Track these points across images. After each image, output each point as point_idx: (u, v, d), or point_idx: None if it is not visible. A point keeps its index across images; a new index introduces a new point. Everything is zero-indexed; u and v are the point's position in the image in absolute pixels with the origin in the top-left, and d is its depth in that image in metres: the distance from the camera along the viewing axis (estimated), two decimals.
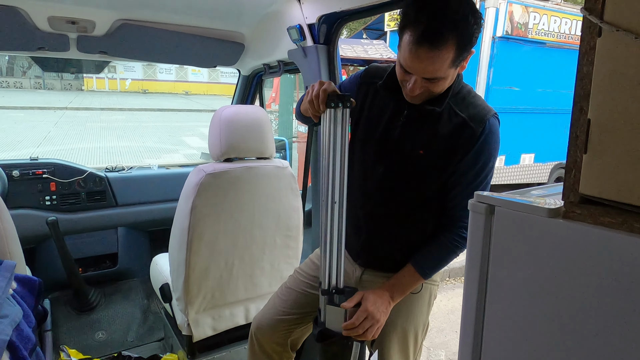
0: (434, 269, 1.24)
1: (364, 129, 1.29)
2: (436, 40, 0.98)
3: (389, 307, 1.20)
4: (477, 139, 1.13)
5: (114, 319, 2.33)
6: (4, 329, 1.05)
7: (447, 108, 1.15)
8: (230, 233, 1.65)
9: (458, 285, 4.40)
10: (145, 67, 28.84)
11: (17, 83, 27.50)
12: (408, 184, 1.22)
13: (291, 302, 1.46)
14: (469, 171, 1.16)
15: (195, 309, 1.67)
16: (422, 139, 1.17)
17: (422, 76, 1.05)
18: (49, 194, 2.23)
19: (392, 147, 1.22)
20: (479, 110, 1.15)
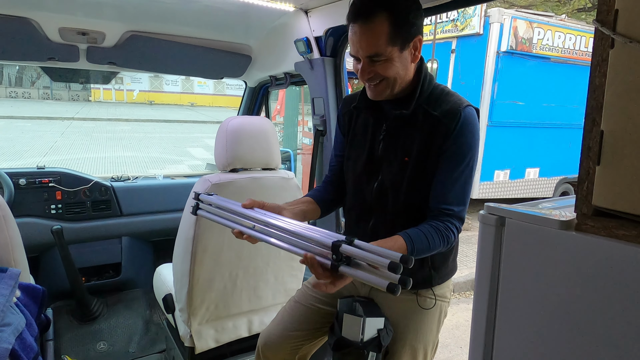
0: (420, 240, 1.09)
1: (354, 150, 1.33)
2: (368, 15, 1.05)
3: None
4: (450, 134, 1.12)
5: (115, 329, 2.31)
6: (6, 337, 1.05)
7: (421, 110, 1.16)
8: (234, 244, 1.65)
9: (462, 300, 4.35)
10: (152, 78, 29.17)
11: (25, 93, 27.85)
12: (403, 193, 1.21)
13: (300, 318, 1.43)
14: (444, 166, 1.15)
15: (198, 320, 1.66)
16: (404, 146, 1.19)
17: (364, 55, 1.09)
18: (55, 203, 2.23)
19: (379, 160, 1.24)
20: (451, 105, 1.14)
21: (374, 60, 1.09)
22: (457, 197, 1.16)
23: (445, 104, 1.15)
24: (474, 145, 1.15)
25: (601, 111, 0.45)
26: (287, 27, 1.84)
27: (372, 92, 1.17)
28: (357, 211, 1.34)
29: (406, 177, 1.19)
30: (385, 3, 1.05)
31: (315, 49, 1.73)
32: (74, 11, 1.69)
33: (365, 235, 1.31)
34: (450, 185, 1.15)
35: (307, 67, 1.79)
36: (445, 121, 1.12)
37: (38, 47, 1.81)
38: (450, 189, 1.15)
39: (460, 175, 1.15)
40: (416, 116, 1.16)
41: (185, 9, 1.75)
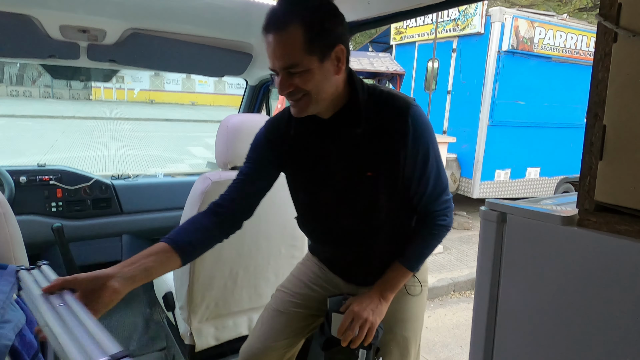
0: (420, 260, 1.23)
1: (307, 185, 1.24)
2: (280, 24, 1.00)
3: (381, 305, 1.18)
4: (406, 137, 1.09)
5: (116, 327, 2.31)
6: (6, 333, 1.04)
7: (367, 122, 1.11)
8: (235, 242, 1.64)
9: (463, 299, 4.35)
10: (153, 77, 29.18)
11: (26, 92, 27.89)
12: (375, 208, 1.18)
13: (281, 327, 1.39)
14: (415, 169, 1.13)
15: (198, 318, 1.66)
16: (362, 161, 1.14)
17: (281, 67, 1.01)
18: (55, 201, 2.23)
19: (341, 185, 1.17)
20: (397, 108, 1.10)
21: (292, 73, 1.01)
22: (438, 189, 1.17)
23: (390, 109, 1.10)
24: (432, 138, 1.13)
25: (604, 106, 0.45)
26: None
27: (295, 108, 1.08)
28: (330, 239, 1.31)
29: (374, 192, 1.16)
30: (298, 11, 1.00)
31: None
32: (75, 8, 1.68)
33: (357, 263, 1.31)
34: (428, 185, 1.15)
35: None
36: (397, 128, 1.09)
37: (38, 45, 1.80)
38: (429, 188, 1.16)
39: (432, 171, 1.14)
40: (365, 130, 1.11)
41: (186, 7, 1.74)
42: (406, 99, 1.12)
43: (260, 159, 1.24)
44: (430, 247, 1.23)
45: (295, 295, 1.42)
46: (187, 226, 1.14)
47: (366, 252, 1.27)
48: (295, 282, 1.46)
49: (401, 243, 1.25)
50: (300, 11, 1.00)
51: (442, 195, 1.18)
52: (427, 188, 1.15)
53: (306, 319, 1.41)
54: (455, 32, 6.39)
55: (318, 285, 1.42)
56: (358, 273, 1.35)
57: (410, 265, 1.22)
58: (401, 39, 7.60)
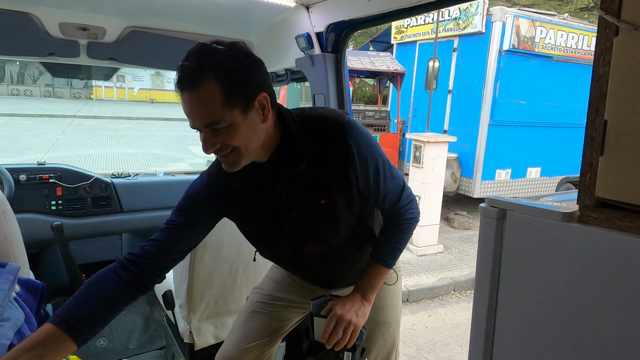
0: (395, 255, 1.23)
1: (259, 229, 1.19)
2: (194, 81, 0.91)
3: (364, 307, 1.17)
4: (350, 152, 1.04)
5: (115, 326, 2.31)
6: (5, 332, 1.04)
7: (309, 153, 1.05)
8: (234, 240, 1.64)
9: (463, 299, 4.35)
10: (154, 76, 29.18)
11: (27, 91, 27.92)
12: (335, 229, 1.16)
13: (257, 327, 1.38)
14: (370, 179, 1.10)
15: (197, 317, 1.66)
16: (313, 192, 1.10)
17: (202, 125, 0.95)
18: (55, 199, 2.23)
19: (297, 219, 1.13)
20: (333, 131, 1.05)
21: (216, 129, 0.94)
22: (397, 190, 1.17)
23: (327, 134, 1.05)
24: (374, 146, 1.10)
25: (604, 100, 0.45)
26: (288, 22, 1.84)
27: (226, 164, 1.01)
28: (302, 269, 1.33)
29: (334, 217, 1.13)
30: (210, 64, 0.92)
31: (316, 44, 1.72)
32: (75, 6, 1.68)
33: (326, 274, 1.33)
34: (387, 191, 1.15)
35: (308, 63, 1.78)
36: (340, 150, 1.04)
37: (38, 43, 1.80)
38: (389, 193, 1.15)
39: (386, 177, 1.13)
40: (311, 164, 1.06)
41: (185, 5, 1.74)
42: (338, 117, 1.07)
43: (196, 211, 1.13)
44: (403, 240, 1.24)
45: (269, 297, 1.42)
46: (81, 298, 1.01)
47: (333, 265, 1.29)
48: (270, 283, 1.46)
49: (368, 242, 1.27)
50: (212, 65, 0.92)
51: (403, 192, 1.18)
52: (387, 194, 1.15)
53: (282, 319, 1.41)
54: (456, 32, 6.38)
55: (292, 286, 1.43)
56: (330, 280, 1.36)
57: (386, 262, 1.22)
58: (402, 38, 7.59)
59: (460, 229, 5.92)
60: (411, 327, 3.66)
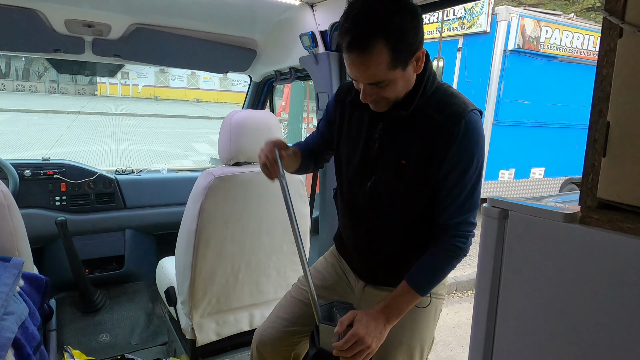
0: (430, 284, 1.15)
1: (346, 149, 1.26)
2: (363, 45, 0.96)
3: (384, 331, 1.11)
4: (454, 140, 1.04)
5: (118, 321, 2.33)
6: (9, 326, 1.05)
7: (421, 112, 1.08)
8: (237, 238, 1.65)
9: (465, 299, 4.34)
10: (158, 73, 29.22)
11: (32, 87, 27.99)
12: (398, 198, 1.14)
13: (296, 313, 1.39)
14: (451, 175, 1.07)
15: (199, 313, 1.66)
16: (401, 148, 1.11)
17: (365, 82, 1.03)
18: (59, 195, 2.24)
19: (375, 162, 1.17)
20: (455, 108, 1.06)
21: (376, 85, 1.03)
22: (467, 206, 1.10)
23: (449, 107, 1.06)
24: (479, 151, 1.07)
25: (608, 102, 0.45)
26: (293, 21, 1.84)
27: (373, 105, 1.10)
28: (350, 215, 1.30)
29: (403, 182, 1.12)
30: (381, 28, 0.95)
31: (320, 43, 1.72)
32: (80, 3, 1.69)
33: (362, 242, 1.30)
34: (459, 197, 1.10)
35: (312, 61, 1.78)
36: (448, 126, 1.05)
37: (44, 39, 1.81)
38: (458, 201, 1.09)
39: (467, 185, 1.08)
40: (415, 118, 1.08)
41: (191, 2, 1.74)
42: (465, 104, 1.08)
43: (329, 118, 1.33)
44: (444, 271, 1.15)
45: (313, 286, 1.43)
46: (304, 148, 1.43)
47: (374, 244, 1.26)
48: (313, 272, 1.46)
49: (413, 251, 1.21)
50: (384, 28, 0.95)
51: (469, 216, 1.11)
52: (456, 199, 1.10)
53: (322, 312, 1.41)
54: (461, 31, 6.36)
55: (334, 279, 1.42)
56: (369, 267, 1.32)
57: (421, 289, 1.14)
58: None
59: None
60: None
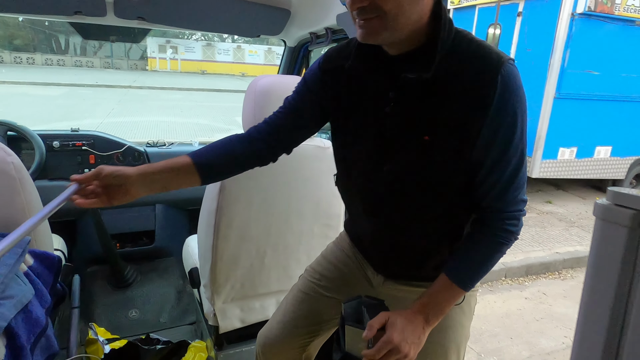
0: (476, 277, 0.95)
1: (350, 129, 1.02)
2: None
3: (423, 336, 0.92)
4: (491, 102, 0.82)
5: (148, 297, 2.28)
6: (3, 312, 0.95)
7: (444, 72, 0.85)
8: (263, 219, 1.49)
9: (515, 287, 4.03)
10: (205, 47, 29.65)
11: (88, 62, 29.36)
12: (422, 182, 0.93)
13: (306, 311, 1.22)
14: (492, 147, 0.86)
15: (222, 299, 1.54)
16: (421, 121, 0.89)
17: None
18: (88, 167, 2.18)
19: (390, 142, 0.94)
20: (487, 61, 0.83)
21: None
22: (515, 183, 0.89)
23: (476, 61, 0.84)
24: (522, 111, 0.85)
25: None
26: None
27: (363, 29, 0.84)
28: (365, 208, 1.07)
29: (429, 163, 0.90)
30: None
31: None
32: None
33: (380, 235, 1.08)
34: (504, 174, 0.88)
35: (349, 19, 1.54)
36: (480, 87, 0.83)
37: (63, 0, 1.69)
38: (504, 178, 0.88)
39: (513, 157, 0.87)
40: (435, 80, 0.85)
41: None
42: (500, 54, 0.84)
43: (309, 91, 1.06)
44: (492, 261, 0.94)
45: (323, 279, 1.24)
46: (216, 148, 1.06)
47: (401, 232, 1.04)
48: (323, 263, 1.27)
49: (445, 240, 1.01)
50: None
51: (518, 193, 0.90)
52: (501, 177, 0.88)
53: (334, 307, 1.22)
54: None
55: (348, 270, 1.23)
56: (389, 260, 1.13)
57: (464, 283, 0.94)
58: (460, 2, 6.99)
59: None
60: None
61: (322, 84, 1.04)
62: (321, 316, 1.22)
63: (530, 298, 3.78)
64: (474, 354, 2.94)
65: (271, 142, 1.08)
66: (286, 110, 1.09)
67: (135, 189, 0.97)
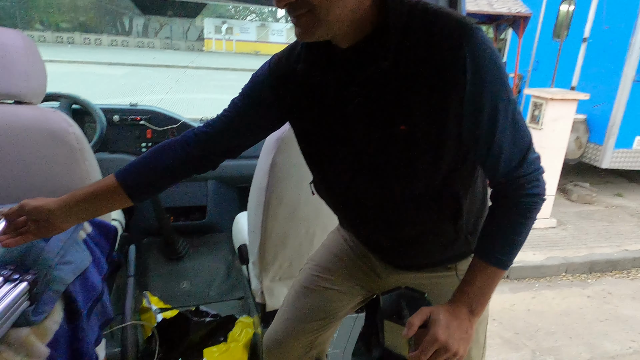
0: (512, 251, 0.86)
1: (313, 136, 0.94)
2: None
3: (471, 329, 0.84)
4: (464, 78, 0.74)
5: (199, 270, 2.33)
6: (62, 277, 0.98)
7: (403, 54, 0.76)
8: (312, 199, 1.43)
9: (576, 283, 3.77)
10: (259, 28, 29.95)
11: (150, 43, 30.64)
12: (413, 177, 0.86)
13: (309, 306, 1.17)
14: (481, 123, 0.78)
15: (270, 277, 1.53)
16: (394, 112, 0.80)
17: None
18: (145, 141, 2.24)
19: (364, 141, 0.86)
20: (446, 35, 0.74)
21: None
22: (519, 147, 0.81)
23: (437, 35, 0.74)
24: (501, 73, 0.76)
25: None
26: None
27: (297, 29, 0.77)
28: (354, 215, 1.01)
29: (409, 153, 0.82)
30: None
31: None
32: None
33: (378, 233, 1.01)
34: (503, 146, 0.79)
35: None
36: (448, 64, 0.74)
37: None
38: (505, 150, 0.80)
39: (506, 126, 0.78)
40: (399, 65, 0.76)
41: None
42: (462, 20, 0.74)
43: (257, 96, 0.97)
44: (524, 229, 0.86)
45: (325, 270, 1.18)
46: (144, 162, 0.99)
47: (401, 232, 0.97)
48: (326, 255, 1.21)
49: (446, 220, 0.92)
50: None
51: (528, 154, 0.82)
52: (501, 150, 0.80)
53: (340, 299, 1.17)
54: None
55: (351, 260, 1.16)
56: (395, 256, 1.06)
57: (501, 262, 0.85)
58: None
59: (580, 203, 5.11)
60: (510, 307, 3.26)
61: (272, 90, 0.94)
62: (327, 310, 1.17)
63: (594, 297, 3.52)
64: (528, 351, 2.79)
65: (209, 149, 0.99)
66: (231, 114, 0.99)
67: (60, 221, 0.94)
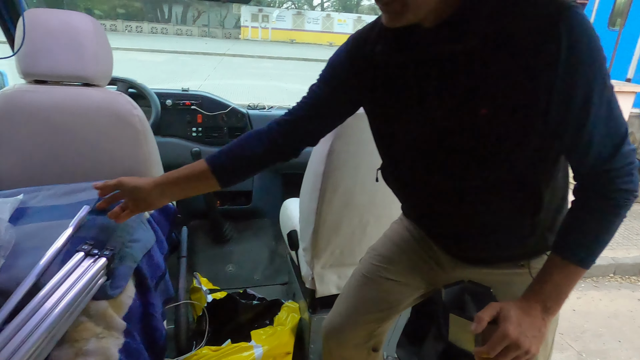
0: (595, 249, 0.80)
1: (391, 118, 0.91)
2: None
3: (544, 327, 0.79)
4: (557, 56, 0.69)
5: (244, 254, 2.38)
6: (133, 254, 1.01)
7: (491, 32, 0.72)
8: (367, 187, 1.43)
9: (625, 285, 3.60)
10: (295, 16, 29.86)
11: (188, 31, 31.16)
12: (489, 162, 0.82)
13: (372, 298, 1.15)
14: (570, 105, 0.72)
15: (321, 264, 1.53)
16: (475, 93, 0.77)
17: None
18: (196, 126, 2.28)
19: (443, 123, 0.82)
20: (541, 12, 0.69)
21: None
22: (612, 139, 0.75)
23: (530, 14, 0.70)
24: (599, 56, 0.70)
25: None
26: None
27: (386, 17, 0.76)
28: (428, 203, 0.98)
29: (490, 138, 0.78)
30: None
31: None
32: None
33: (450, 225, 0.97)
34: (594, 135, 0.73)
35: None
36: (541, 42, 0.69)
37: None
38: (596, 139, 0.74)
39: (600, 112, 0.72)
40: (486, 44, 0.73)
41: None
42: None
43: (335, 80, 0.98)
44: (611, 227, 0.80)
45: (386, 260, 1.16)
46: (233, 149, 1.03)
47: (475, 222, 0.93)
48: (387, 244, 1.19)
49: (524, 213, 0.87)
50: None
51: (621, 146, 0.76)
52: (592, 140, 0.74)
53: (401, 292, 1.14)
54: None
55: (414, 251, 1.13)
56: (464, 248, 1.02)
57: (583, 260, 0.80)
58: None
59: None
60: None
61: (351, 72, 0.94)
62: (388, 302, 1.14)
63: None
64: (573, 353, 2.70)
65: (292, 136, 1.01)
66: (311, 101, 1.00)
67: (155, 200, 1.02)
